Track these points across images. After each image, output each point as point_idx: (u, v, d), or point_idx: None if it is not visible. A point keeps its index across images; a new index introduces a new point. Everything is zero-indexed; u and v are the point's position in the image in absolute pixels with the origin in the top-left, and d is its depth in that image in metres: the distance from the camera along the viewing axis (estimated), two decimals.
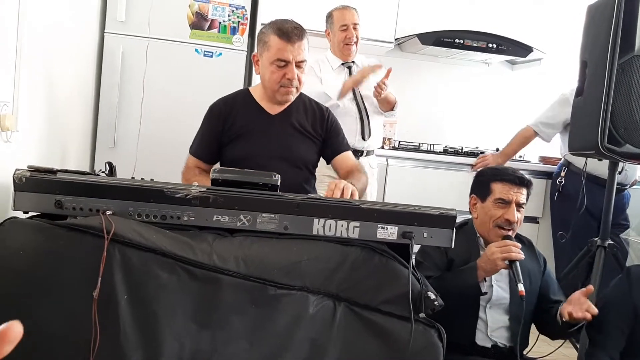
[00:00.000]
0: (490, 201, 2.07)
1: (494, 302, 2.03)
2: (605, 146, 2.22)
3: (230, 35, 3.36)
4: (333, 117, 2.42)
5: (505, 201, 2.04)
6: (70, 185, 1.52)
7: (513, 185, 2.05)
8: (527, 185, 2.08)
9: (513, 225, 2.03)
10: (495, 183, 2.08)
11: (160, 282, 1.47)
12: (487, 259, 1.93)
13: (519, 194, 2.05)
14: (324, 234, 1.58)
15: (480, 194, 2.12)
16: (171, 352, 1.47)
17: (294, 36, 2.13)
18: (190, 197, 1.54)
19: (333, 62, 3.32)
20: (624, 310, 1.92)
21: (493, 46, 4.16)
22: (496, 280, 2.04)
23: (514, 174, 2.07)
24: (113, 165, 1.85)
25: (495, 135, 4.47)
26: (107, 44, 3.26)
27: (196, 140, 2.34)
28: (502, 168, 2.14)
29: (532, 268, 2.12)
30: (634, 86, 2.20)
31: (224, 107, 2.30)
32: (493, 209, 2.06)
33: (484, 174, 2.16)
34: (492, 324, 2.02)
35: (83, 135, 3.10)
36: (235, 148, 2.26)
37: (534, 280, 2.10)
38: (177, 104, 3.29)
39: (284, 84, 2.19)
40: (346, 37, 3.23)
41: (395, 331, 1.56)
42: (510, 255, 1.90)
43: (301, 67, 2.20)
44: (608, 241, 2.54)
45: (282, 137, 2.28)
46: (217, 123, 2.27)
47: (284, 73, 2.17)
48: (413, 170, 3.86)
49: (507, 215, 2.03)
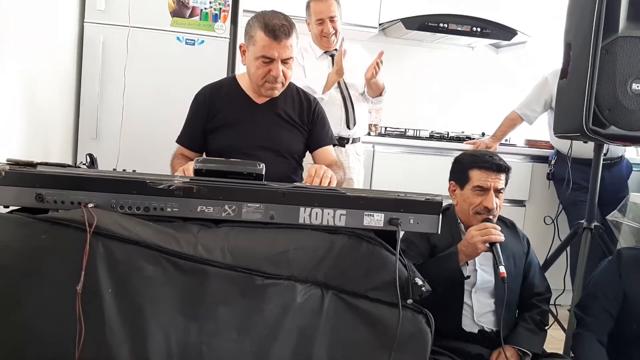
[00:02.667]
0: (468, 189, 2.07)
1: (479, 286, 2.04)
2: (590, 128, 2.23)
3: (212, 22, 3.32)
4: (320, 109, 2.41)
5: (483, 188, 2.04)
6: (51, 178, 1.49)
7: (491, 172, 2.04)
8: (505, 170, 2.08)
9: (492, 212, 2.03)
10: (473, 170, 2.07)
11: (145, 275, 1.45)
12: (468, 243, 1.94)
13: (497, 180, 2.05)
14: (311, 222, 1.57)
15: (458, 181, 2.12)
16: (158, 345, 1.45)
17: (281, 34, 2.09)
18: (173, 188, 1.51)
19: (315, 50, 3.32)
20: (613, 293, 1.93)
21: (477, 30, 4.16)
22: (480, 264, 2.05)
23: (492, 161, 2.06)
24: (94, 157, 1.82)
25: (481, 119, 4.47)
26: (87, 33, 3.21)
27: (183, 129, 2.31)
28: (480, 154, 2.13)
29: (516, 250, 2.14)
30: (618, 67, 2.20)
31: (209, 95, 2.28)
32: (472, 196, 2.06)
33: (461, 160, 2.15)
34: (478, 309, 2.03)
35: (64, 127, 3.06)
36: (221, 137, 2.24)
37: (518, 263, 2.12)
38: (159, 94, 3.25)
39: (268, 80, 2.16)
40: (322, 31, 3.22)
41: (383, 318, 1.55)
42: (490, 238, 1.91)
43: (288, 63, 2.17)
44: (594, 223, 2.56)
45: (268, 127, 2.26)
46: (202, 111, 2.25)
47: (268, 69, 2.14)
48: (399, 156, 3.86)
49: (485, 202, 2.03)
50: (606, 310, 1.92)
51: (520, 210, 3.96)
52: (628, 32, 2.20)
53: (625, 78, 2.21)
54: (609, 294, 1.93)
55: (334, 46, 3.29)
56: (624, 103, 2.21)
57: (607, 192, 3.22)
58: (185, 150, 2.29)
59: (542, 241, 2.91)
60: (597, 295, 1.95)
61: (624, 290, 1.92)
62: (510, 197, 3.95)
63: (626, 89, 2.20)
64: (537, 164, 3.94)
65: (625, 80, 2.20)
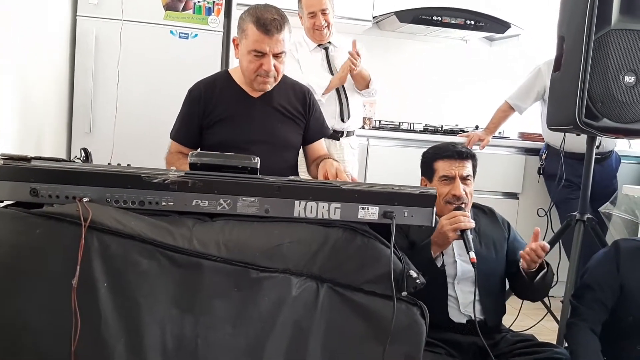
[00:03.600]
0: (436, 180, 2.10)
1: (461, 277, 2.06)
2: (583, 121, 2.24)
3: (205, 16, 3.31)
4: (314, 100, 2.41)
5: (449, 177, 2.07)
6: (45, 172, 1.49)
7: (454, 160, 2.07)
8: (468, 157, 2.10)
9: (462, 199, 2.05)
10: (437, 162, 2.11)
11: (141, 269, 1.45)
12: (438, 233, 1.96)
13: (462, 167, 2.07)
14: (306, 216, 1.57)
15: (427, 175, 2.16)
16: (154, 338, 1.46)
17: (273, 29, 2.08)
18: (168, 182, 1.52)
19: (309, 44, 3.30)
20: (610, 285, 1.93)
21: (471, 23, 4.16)
22: (459, 255, 2.07)
23: (453, 149, 2.09)
24: (89, 151, 1.82)
25: (475, 112, 4.48)
26: (80, 27, 3.19)
27: (176, 125, 2.30)
28: (442, 145, 2.16)
29: (496, 236, 2.15)
30: (610, 60, 2.21)
31: (204, 91, 2.26)
32: (440, 186, 2.08)
33: (426, 155, 2.18)
34: (463, 299, 2.05)
35: (58, 122, 3.05)
36: (217, 132, 2.23)
37: (499, 248, 2.13)
38: (153, 87, 3.25)
39: (260, 74, 2.16)
40: (315, 25, 3.20)
41: (378, 310, 1.56)
42: (459, 226, 1.92)
43: (280, 58, 2.16)
44: (587, 215, 2.57)
45: (265, 121, 2.25)
46: (197, 107, 2.24)
47: (260, 64, 2.13)
48: (394, 149, 3.87)
49: (453, 191, 2.05)
50: (601, 301, 1.93)
51: (513, 202, 3.98)
52: (621, 25, 2.20)
53: (618, 71, 2.21)
54: (605, 285, 1.94)
55: (327, 39, 3.28)
56: (616, 96, 2.22)
57: (598, 186, 3.23)
58: (181, 146, 2.28)
59: None
60: (592, 286, 1.96)
61: (621, 282, 1.92)
62: (503, 190, 3.97)
63: (619, 82, 2.21)
64: (530, 156, 3.96)
65: (617, 73, 2.21)
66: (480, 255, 2.01)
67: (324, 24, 3.19)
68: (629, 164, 3.91)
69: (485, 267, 2.01)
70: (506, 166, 3.97)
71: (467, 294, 2.05)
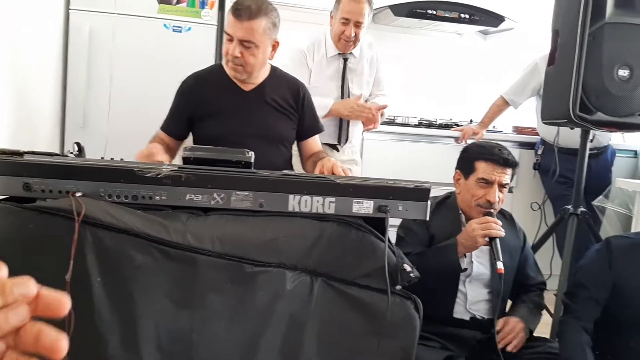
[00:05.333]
0: (473, 180, 2.04)
1: (474, 277, 2.04)
2: (577, 114, 2.24)
3: (199, 9, 3.29)
4: (308, 95, 2.38)
5: (487, 181, 2.01)
6: (38, 167, 1.48)
7: (497, 166, 2.01)
8: (512, 166, 2.05)
9: (494, 206, 2.02)
10: (479, 162, 2.04)
11: (134, 264, 1.44)
12: (468, 235, 1.93)
13: (503, 174, 2.02)
14: (300, 210, 1.57)
15: (464, 171, 2.09)
16: (149, 333, 1.46)
17: (243, 14, 2.06)
18: (162, 177, 1.51)
19: (330, 48, 3.00)
20: (602, 283, 1.93)
21: (465, 16, 4.15)
22: (476, 256, 2.05)
23: (500, 154, 2.02)
24: (82, 145, 1.81)
25: (469, 106, 4.48)
26: (73, 21, 3.17)
27: (167, 117, 2.30)
28: (489, 146, 2.08)
29: (513, 243, 2.13)
30: (604, 54, 2.21)
31: (195, 84, 2.25)
32: (475, 188, 2.03)
33: (469, 150, 2.12)
34: (472, 298, 2.04)
35: (51, 116, 3.03)
36: (209, 126, 2.22)
37: (513, 256, 2.11)
38: (147, 81, 3.23)
39: (228, 59, 2.15)
40: (343, 33, 2.89)
41: (372, 304, 1.57)
42: (490, 233, 1.90)
43: (249, 48, 2.12)
44: (580, 209, 2.58)
45: (257, 114, 2.24)
46: (189, 100, 2.23)
47: (228, 48, 2.13)
48: (388, 143, 3.86)
49: (488, 196, 2.01)
50: (593, 298, 1.93)
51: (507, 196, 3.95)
52: (615, 19, 2.20)
53: (612, 64, 2.22)
54: (597, 282, 1.94)
55: (350, 50, 3.00)
56: (610, 89, 2.22)
57: (593, 180, 3.25)
58: (165, 136, 2.26)
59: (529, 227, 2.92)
60: (585, 284, 1.96)
61: (613, 280, 1.93)
62: None
63: (613, 76, 2.22)
64: (525, 150, 3.96)
65: (612, 67, 2.21)
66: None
67: (353, 37, 2.90)
68: (623, 158, 3.92)
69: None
70: None
71: (476, 293, 2.04)
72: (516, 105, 3.71)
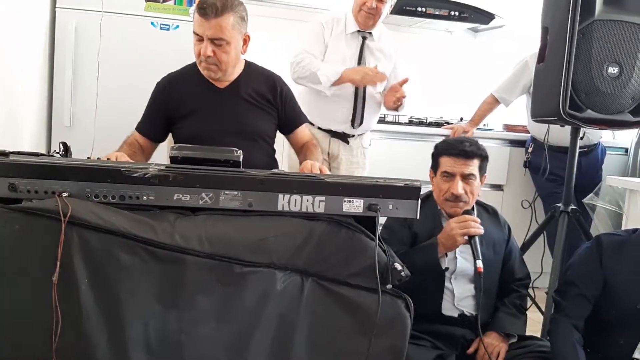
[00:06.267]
0: (439, 175, 2.09)
1: (459, 273, 2.06)
2: (567, 112, 2.24)
3: (186, 7, 3.26)
4: (286, 87, 2.35)
5: (449, 174, 2.05)
6: (24, 167, 1.46)
7: (457, 158, 2.04)
8: (474, 156, 2.06)
9: (462, 198, 2.03)
10: (442, 157, 2.09)
11: (122, 265, 1.43)
12: (447, 235, 1.96)
13: (464, 166, 2.04)
14: (290, 209, 1.55)
15: (433, 168, 2.15)
16: (137, 334, 1.44)
17: (209, 12, 2.04)
18: (149, 176, 1.49)
19: (349, 25, 2.96)
20: (592, 280, 1.94)
21: (455, 14, 4.15)
22: (460, 252, 2.06)
23: (460, 147, 2.06)
24: (68, 145, 1.79)
25: (460, 104, 4.48)
26: (59, 19, 3.14)
27: (143, 117, 2.27)
28: (453, 141, 2.13)
29: (497, 237, 2.15)
30: (594, 51, 2.21)
31: (170, 84, 2.24)
32: (441, 182, 2.08)
33: (436, 148, 2.16)
34: (459, 294, 2.05)
35: (37, 115, 3.00)
36: (186, 126, 2.20)
37: (498, 249, 2.13)
38: (134, 80, 3.19)
39: (201, 60, 2.13)
40: (365, 4, 2.87)
41: (363, 303, 1.56)
42: (469, 231, 1.93)
43: (221, 46, 2.10)
44: (571, 206, 2.58)
45: (234, 111, 2.22)
46: (163, 100, 2.22)
47: (199, 48, 2.11)
48: (379, 142, 3.84)
49: (452, 188, 2.03)
50: (584, 296, 1.94)
51: (498, 194, 3.99)
52: (604, 16, 2.21)
53: (602, 62, 2.22)
54: (587, 280, 1.94)
55: (372, 28, 2.98)
56: (600, 87, 2.22)
57: (583, 178, 3.26)
58: (140, 137, 2.24)
59: (519, 225, 2.94)
60: (575, 282, 1.96)
61: (604, 277, 1.93)
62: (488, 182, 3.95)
63: (602, 73, 2.22)
64: (515, 148, 3.97)
65: (601, 64, 2.22)
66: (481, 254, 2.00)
67: (374, 8, 2.86)
68: (614, 155, 3.93)
69: (484, 266, 2.00)
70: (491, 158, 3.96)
71: (463, 289, 2.05)
72: (507, 104, 3.71)
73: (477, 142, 2.12)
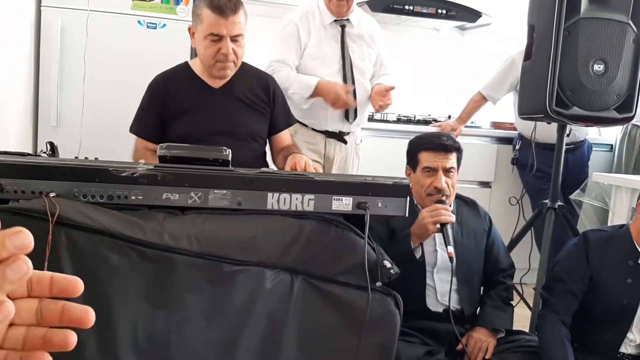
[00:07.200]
0: (419, 171, 2.09)
1: (440, 266, 2.06)
2: (553, 109, 2.26)
3: (174, 5, 3.25)
4: (278, 88, 2.35)
5: (431, 169, 2.05)
6: (11, 167, 1.45)
7: (438, 152, 2.05)
8: (453, 150, 2.08)
9: (444, 192, 2.05)
10: (421, 153, 2.09)
11: (111, 265, 1.42)
12: (419, 224, 1.96)
13: (445, 159, 2.05)
14: (279, 208, 1.56)
15: (411, 165, 2.14)
16: (126, 334, 1.44)
17: (227, 9, 2.03)
18: (137, 176, 1.48)
19: (325, 16, 2.81)
20: (579, 276, 1.95)
21: (442, 12, 4.16)
22: (439, 244, 2.07)
23: (437, 141, 2.07)
24: (55, 145, 1.78)
25: (448, 102, 4.50)
26: (45, 17, 3.11)
27: (138, 119, 2.24)
28: (428, 136, 2.15)
29: (477, 227, 2.16)
30: (580, 49, 2.23)
31: (163, 84, 2.22)
32: (422, 178, 2.07)
33: (411, 144, 2.17)
34: (441, 289, 2.05)
35: (23, 115, 2.97)
36: (179, 125, 2.18)
37: (479, 240, 2.14)
38: (121, 79, 3.18)
39: (219, 59, 2.10)
40: None
41: (353, 301, 1.56)
42: (440, 219, 1.93)
43: (238, 42, 2.10)
44: (558, 203, 2.60)
45: (228, 111, 2.20)
46: (157, 100, 2.20)
47: (218, 48, 2.07)
48: (367, 140, 3.84)
49: (435, 183, 2.04)
50: (571, 292, 1.95)
51: (486, 191, 4.01)
52: (590, 14, 2.22)
53: (587, 59, 2.24)
54: (574, 276, 1.96)
55: (347, 14, 2.81)
56: (585, 84, 2.24)
57: (570, 175, 3.28)
58: (146, 142, 2.22)
59: (507, 221, 2.96)
60: (562, 278, 1.98)
61: (591, 273, 1.95)
62: (476, 179, 3.99)
63: (588, 70, 2.24)
64: (502, 145, 3.99)
65: (587, 62, 2.23)
66: (461, 246, 2.03)
67: None
68: (599, 152, 3.97)
69: (465, 257, 2.02)
70: (478, 155, 4.00)
71: (445, 283, 2.06)
72: (494, 101, 3.72)
73: (451, 135, 2.14)
